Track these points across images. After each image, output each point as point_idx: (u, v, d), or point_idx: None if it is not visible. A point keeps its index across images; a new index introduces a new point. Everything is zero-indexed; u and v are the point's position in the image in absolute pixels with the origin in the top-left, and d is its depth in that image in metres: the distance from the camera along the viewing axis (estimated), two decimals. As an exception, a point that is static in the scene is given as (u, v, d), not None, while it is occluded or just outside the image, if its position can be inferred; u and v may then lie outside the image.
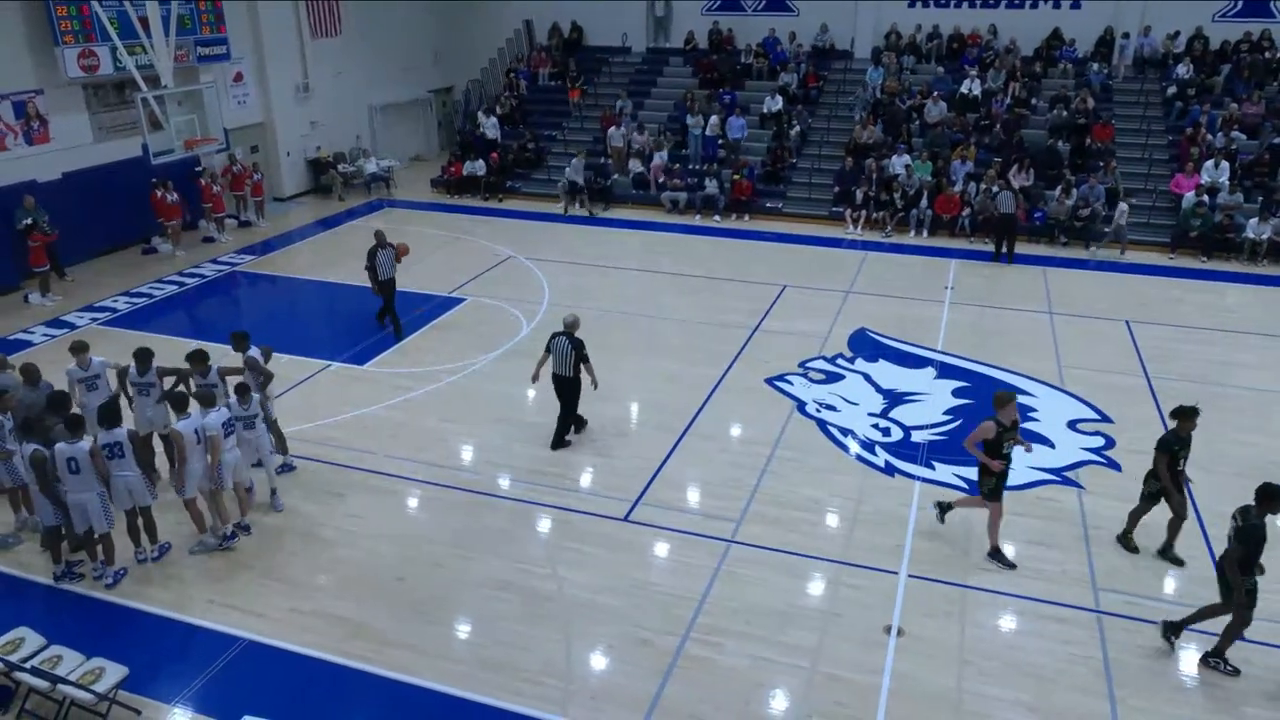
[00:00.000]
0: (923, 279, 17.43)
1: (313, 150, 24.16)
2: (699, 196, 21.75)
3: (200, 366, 9.93)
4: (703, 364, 13.51)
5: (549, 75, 27.05)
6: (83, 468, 8.33)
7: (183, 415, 9.10)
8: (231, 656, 7.89)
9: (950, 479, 10.52)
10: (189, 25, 19.17)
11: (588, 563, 9.09)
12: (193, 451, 8.91)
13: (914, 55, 24.37)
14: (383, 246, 14.15)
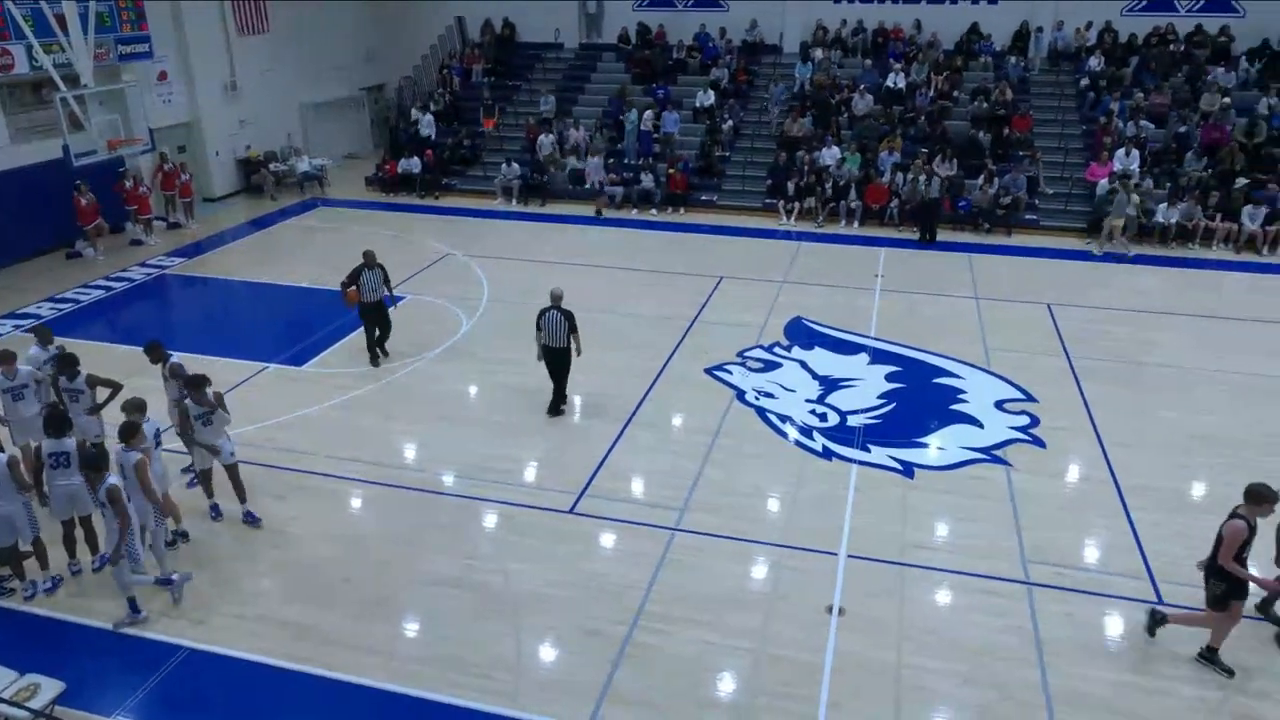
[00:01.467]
0: (854, 267, 17.72)
1: (243, 149, 23.51)
2: (635, 191, 21.75)
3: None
4: (643, 356, 13.54)
5: (483, 72, 26.75)
6: (1, 480, 8.01)
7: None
8: (173, 666, 7.66)
9: (885, 461, 10.73)
10: (109, 23, 18.46)
11: (535, 556, 9.05)
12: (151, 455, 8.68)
13: (841, 50, 24.70)
14: (370, 266, 12.88)
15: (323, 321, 14.96)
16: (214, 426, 9.28)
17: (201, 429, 9.22)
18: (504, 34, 27.60)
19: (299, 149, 24.44)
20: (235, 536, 9.39)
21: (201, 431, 9.22)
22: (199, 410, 9.17)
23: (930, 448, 11.09)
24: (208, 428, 9.24)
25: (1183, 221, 18.91)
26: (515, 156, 23.16)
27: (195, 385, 9.18)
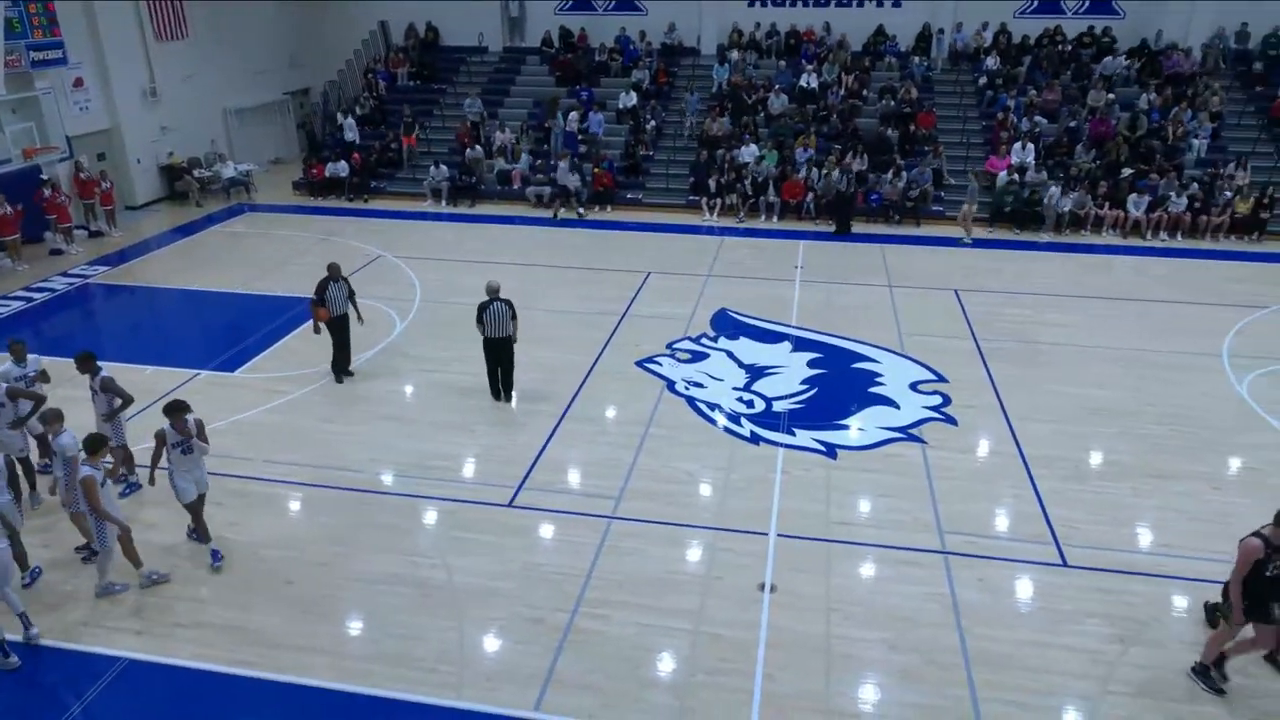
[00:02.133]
0: (775, 260, 17.97)
1: (165, 156, 22.63)
2: (560, 189, 21.65)
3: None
4: (575, 351, 13.51)
5: (408, 75, 26.26)
6: None
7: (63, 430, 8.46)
8: (112, 677, 7.38)
9: (810, 444, 10.93)
10: (19, 29, 17.56)
11: (476, 550, 8.97)
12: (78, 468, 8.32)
13: (756, 52, 24.98)
14: (335, 280, 12.21)
15: (254, 326, 14.53)
16: (193, 456, 8.63)
17: (180, 458, 8.57)
18: (428, 37, 27.13)
19: (223, 154, 23.66)
20: (166, 545, 9.07)
21: (180, 461, 8.56)
22: (176, 438, 8.50)
23: (851, 429, 11.33)
24: (187, 456, 8.59)
25: (1075, 210, 19.68)
26: (444, 159, 22.81)
27: (175, 411, 8.52)
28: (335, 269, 12.32)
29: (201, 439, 8.67)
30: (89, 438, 7.98)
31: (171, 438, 8.51)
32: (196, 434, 8.67)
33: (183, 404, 8.65)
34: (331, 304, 12.17)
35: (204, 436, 8.73)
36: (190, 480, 8.71)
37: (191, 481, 8.72)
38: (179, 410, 8.55)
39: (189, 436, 8.58)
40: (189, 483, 8.71)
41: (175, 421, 8.50)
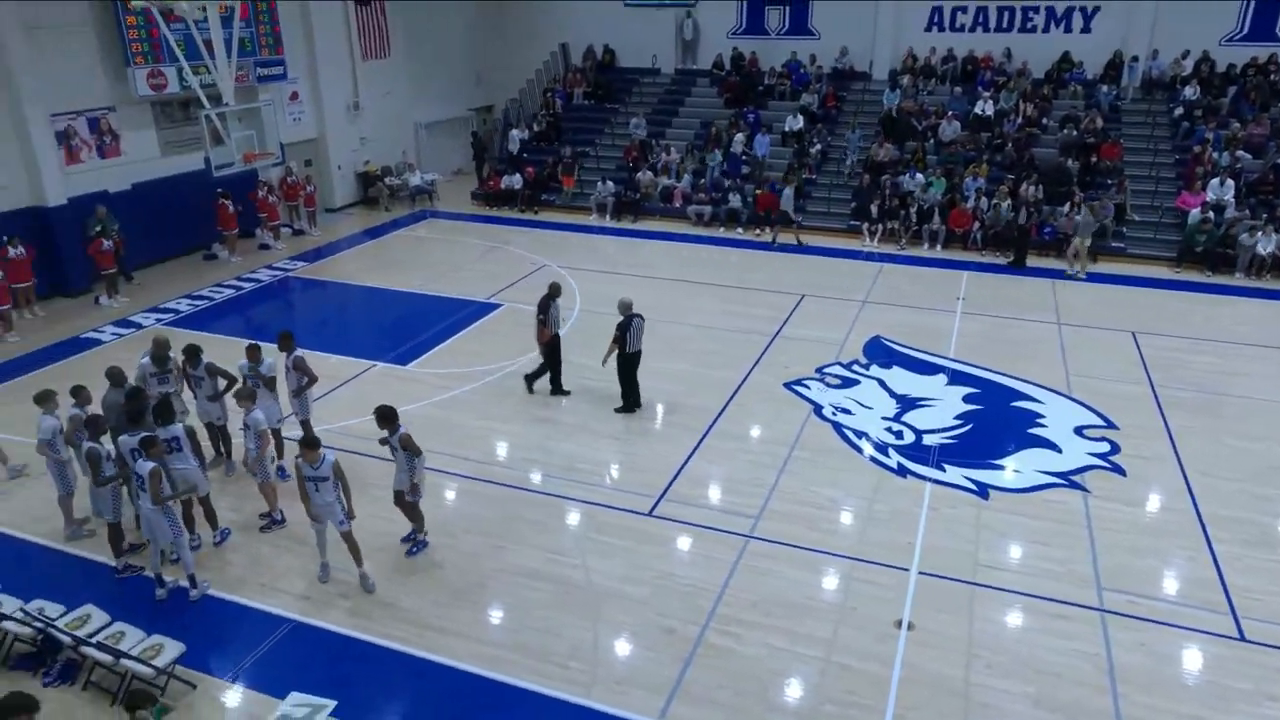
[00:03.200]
0: (935, 289, 17.27)
1: (361, 164, 24.41)
2: (723, 210, 21.71)
3: (256, 355, 10.13)
4: (724, 368, 13.47)
5: (583, 95, 27.14)
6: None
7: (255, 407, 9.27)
8: (280, 636, 7.98)
9: (960, 481, 10.40)
10: (249, 48, 19.45)
11: (614, 554, 9.09)
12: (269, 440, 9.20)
13: (930, 77, 24.17)
14: (554, 297, 12.26)
15: (428, 325, 15.38)
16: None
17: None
18: (605, 59, 27.94)
19: (412, 164, 25.21)
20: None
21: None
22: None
23: (1006, 470, 10.71)
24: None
25: (1276, 252, 17.82)
26: (611, 175, 23.38)
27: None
28: (556, 288, 12.41)
29: (413, 450, 8.78)
30: (305, 438, 8.40)
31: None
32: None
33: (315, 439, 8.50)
34: (552, 323, 12.24)
35: (414, 447, 8.79)
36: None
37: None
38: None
39: (413, 450, 8.75)
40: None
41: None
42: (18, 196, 16.19)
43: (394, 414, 8.90)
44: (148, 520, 8.25)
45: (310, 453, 8.25)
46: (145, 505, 8.18)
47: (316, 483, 8.30)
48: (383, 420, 8.87)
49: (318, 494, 8.34)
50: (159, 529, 8.24)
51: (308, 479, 8.31)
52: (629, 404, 12.11)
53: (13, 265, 15.08)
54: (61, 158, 16.82)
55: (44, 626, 7.45)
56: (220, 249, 19.47)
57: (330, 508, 8.41)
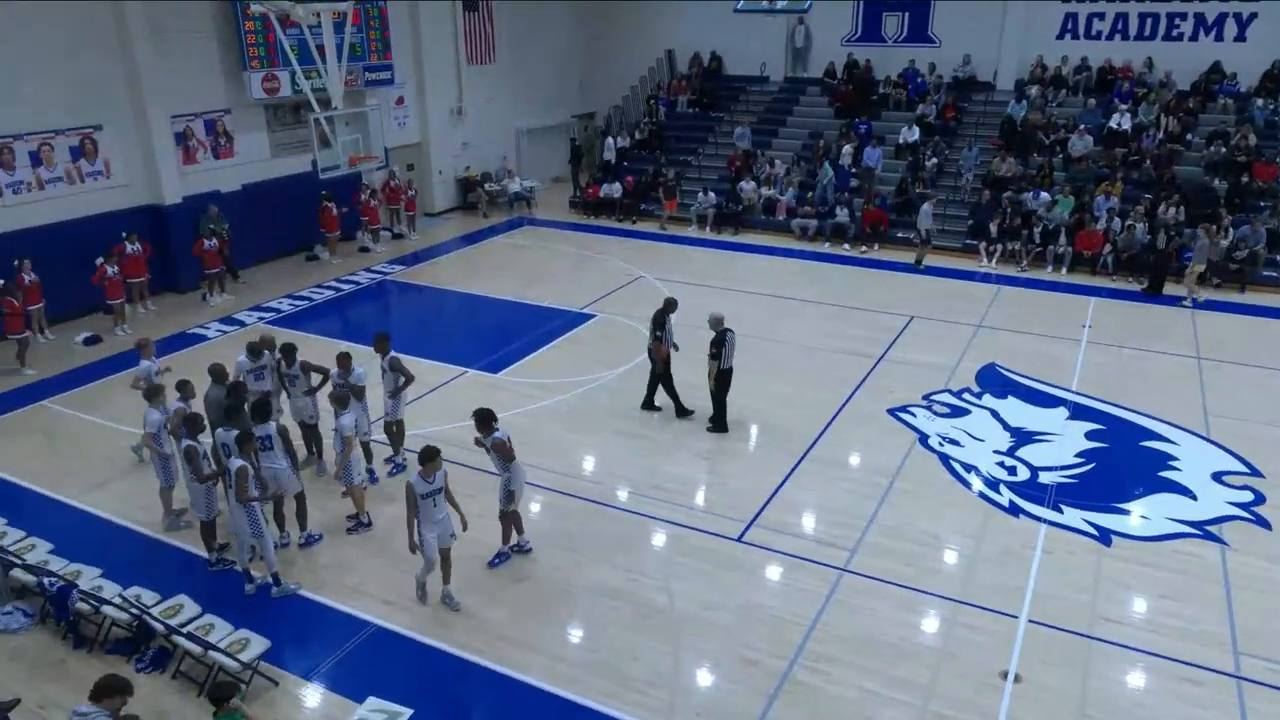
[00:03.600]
0: (1059, 316, 16.59)
1: (462, 169, 25.19)
2: (829, 224, 21.45)
3: (346, 364, 10.46)
4: (824, 390, 13.27)
5: (687, 103, 27.31)
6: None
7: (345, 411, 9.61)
8: (361, 640, 8.24)
9: (1079, 524, 9.93)
10: (359, 53, 20.38)
11: (699, 578, 9.04)
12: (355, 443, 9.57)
13: (1061, 88, 23.32)
14: (670, 312, 12.15)
15: (520, 333, 15.71)
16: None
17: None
18: (711, 66, 28.07)
19: (511, 170, 25.87)
20: (425, 526, 9.99)
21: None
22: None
23: (1132, 515, 10.16)
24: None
25: None
26: (712, 185, 23.41)
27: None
28: (672, 303, 12.35)
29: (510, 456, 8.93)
30: (425, 449, 8.28)
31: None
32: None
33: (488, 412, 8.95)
34: (669, 339, 12.18)
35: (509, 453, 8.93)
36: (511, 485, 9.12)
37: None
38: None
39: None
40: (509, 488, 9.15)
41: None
42: (137, 194, 17.38)
43: (491, 416, 9.04)
44: (232, 516, 8.68)
45: (430, 465, 8.15)
46: (230, 501, 8.60)
47: (434, 497, 8.31)
48: (481, 423, 9.00)
49: (435, 509, 8.31)
50: (239, 526, 8.65)
51: (424, 496, 8.20)
52: (719, 423, 12.04)
53: (129, 261, 16.16)
54: (179, 158, 17.98)
55: (140, 613, 7.91)
56: (322, 250, 20.40)
57: (445, 523, 8.42)
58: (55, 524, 9.82)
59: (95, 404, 13.06)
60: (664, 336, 12.13)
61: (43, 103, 15.64)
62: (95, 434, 12.20)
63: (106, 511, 10.30)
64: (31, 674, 7.87)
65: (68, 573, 8.46)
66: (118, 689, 5.96)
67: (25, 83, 15.34)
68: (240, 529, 8.67)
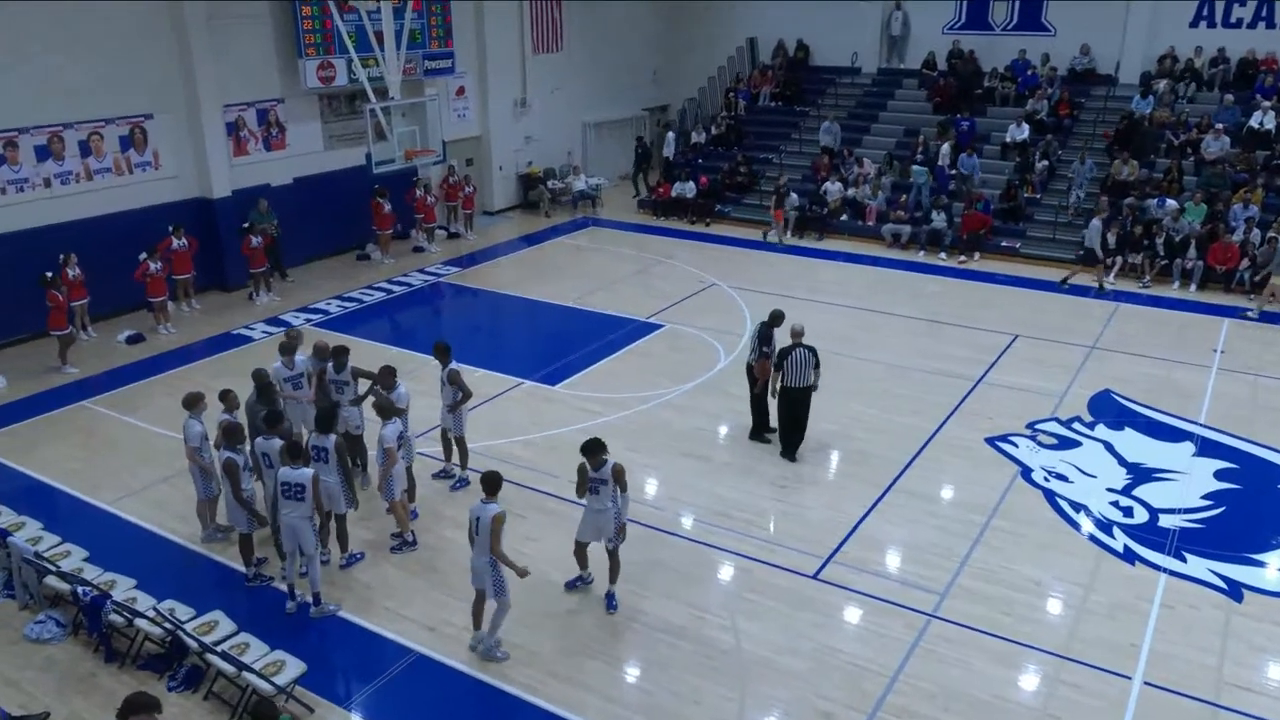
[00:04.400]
0: (1186, 339, 16.02)
1: (524, 165, 25.55)
2: (924, 231, 21.13)
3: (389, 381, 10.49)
4: (914, 414, 13.04)
5: (770, 95, 27.24)
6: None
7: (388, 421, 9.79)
8: (403, 668, 8.36)
9: (1204, 575, 9.53)
10: (419, 40, 20.87)
11: (769, 618, 8.93)
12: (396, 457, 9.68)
13: (1193, 82, 22.59)
14: (777, 325, 12.09)
15: (580, 342, 15.82)
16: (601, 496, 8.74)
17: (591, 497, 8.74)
18: (797, 56, 27.97)
19: (577, 167, 26.13)
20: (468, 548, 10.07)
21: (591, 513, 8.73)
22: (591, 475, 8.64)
23: (1269, 568, 9.73)
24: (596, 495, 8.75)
25: None
26: (795, 186, 23.28)
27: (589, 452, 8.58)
28: (779, 316, 12.21)
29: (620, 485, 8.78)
30: (488, 475, 8.17)
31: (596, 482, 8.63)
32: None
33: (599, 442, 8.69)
34: (772, 356, 11.88)
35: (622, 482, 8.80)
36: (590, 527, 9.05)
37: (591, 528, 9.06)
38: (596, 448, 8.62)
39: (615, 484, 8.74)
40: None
41: (594, 461, 8.62)
42: (186, 187, 18.07)
43: (602, 445, 8.68)
44: (292, 528, 8.86)
45: (493, 496, 8.09)
46: (294, 514, 8.76)
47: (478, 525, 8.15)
48: (592, 453, 8.61)
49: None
50: (305, 537, 8.83)
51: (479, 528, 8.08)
52: (786, 448, 11.93)
53: (176, 256, 16.78)
54: (230, 149, 18.64)
55: (174, 628, 8.16)
56: (374, 249, 20.89)
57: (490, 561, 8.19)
58: (91, 530, 10.23)
59: (136, 406, 13.57)
60: (770, 353, 11.98)
61: (93, 91, 16.38)
62: (135, 437, 12.67)
63: (143, 519, 10.68)
64: (61, 686, 8.18)
65: (102, 582, 8.77)
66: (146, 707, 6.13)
67: (76, 70, 16.08)
68: (305, 541, 8.84)
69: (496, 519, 7.97)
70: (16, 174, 15.63)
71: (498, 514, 7.98)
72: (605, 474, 8.66)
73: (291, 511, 8.75)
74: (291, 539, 8.89)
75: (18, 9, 15.00)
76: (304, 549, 8.91)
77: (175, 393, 13.23)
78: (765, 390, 12.16)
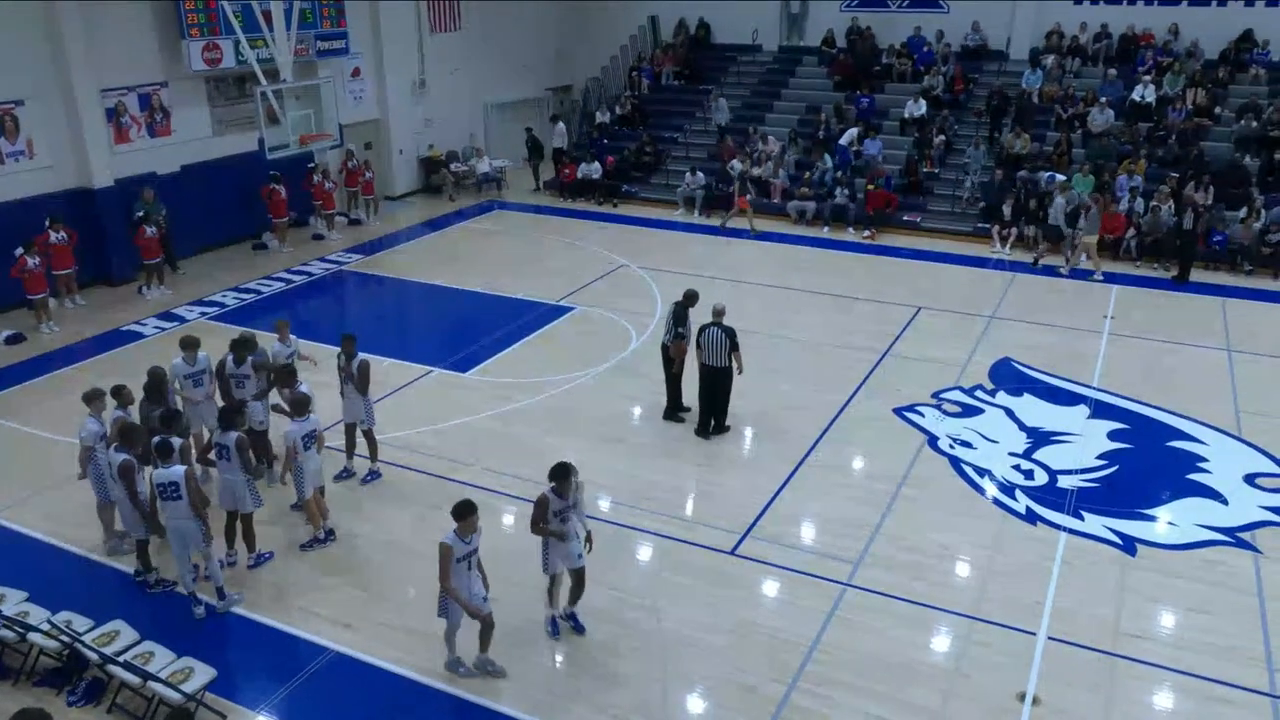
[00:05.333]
0: (1078, 306, 16.73)
1: (425, 149, 25.08)
2: (828, 206, 21.52)
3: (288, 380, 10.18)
4: (824, 389, 13.32)
5: (672, 74, 27.31)
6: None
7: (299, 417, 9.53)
8: (318, 667, 8.20)
9: (1101, 532, 10.02)
10: (310, 19, 20.20)
11: (689, 596, 9.05)
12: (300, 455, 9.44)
13: (1078, 57, 23.50)
14: (692, 305, 12.23)
15: (490, 328, 15.67)
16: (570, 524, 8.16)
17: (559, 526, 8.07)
18: (698, 34, 28.09)
19: (480, 149, 25.76)
20: (383, 541, 9.95)
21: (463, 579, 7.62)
22: (559, 504, 7.99)
23: (1159, 522, 10.27)
24: (565, 525, 8.10)
25: None
26: (701, 165, 23.42)
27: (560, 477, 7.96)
28: (693, 295, 12.29)
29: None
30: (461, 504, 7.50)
31: (554, 504, 7.96)
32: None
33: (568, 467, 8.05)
34: (688, 337, 12.07)
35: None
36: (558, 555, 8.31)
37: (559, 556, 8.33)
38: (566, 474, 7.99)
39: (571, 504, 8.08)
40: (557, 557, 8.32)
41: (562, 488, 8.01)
42: (63, 177, 17.18)
43: (572, 469, 8.05)
44: (177, 530, 8.55)
45: (466, 523, 7.39)
46: (175, 515, 8.46)
47: (470, 559, 7.60)
48: (564, 479, 7.95)
49: (470, 575, 7.63)
50: (192, 536, 8.55)
51: (460, 559, 7.46)
52: (702, 426, 12.08)
53: (55, 250, 15.97)
54: (111, 136, 17.79)
55: (71, 641, 7.83)
56: (271, 238, 20.24)
57: (477, 584, 7.74)
58: (-25, 543, 9.71)
59: (17, 410, 12.90)
60: (684, 333, 12.07)
61: (-43, 76, 15.45)
62: (19, 443, 12.06)
63: (32, 529, 10.19)
64: (-51, 709, 7.78)
65: (-10, 597, 8.36)
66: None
67: (-63, 53, 15.14)
68: (193, 539, 8.56)
69: (440, 547, 7.45)
70: (-127, 166, 14.66)
71: (441, 543, 7.44)
72: (576, 498, 7.98)
73: (173, 513, 8.47)
74: (180, 541, 8.61)
75: None
76: (195, 547, 8.66)
77: (61, 395, 12.71)
78: (681, 370, 12.26)
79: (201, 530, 8.60)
